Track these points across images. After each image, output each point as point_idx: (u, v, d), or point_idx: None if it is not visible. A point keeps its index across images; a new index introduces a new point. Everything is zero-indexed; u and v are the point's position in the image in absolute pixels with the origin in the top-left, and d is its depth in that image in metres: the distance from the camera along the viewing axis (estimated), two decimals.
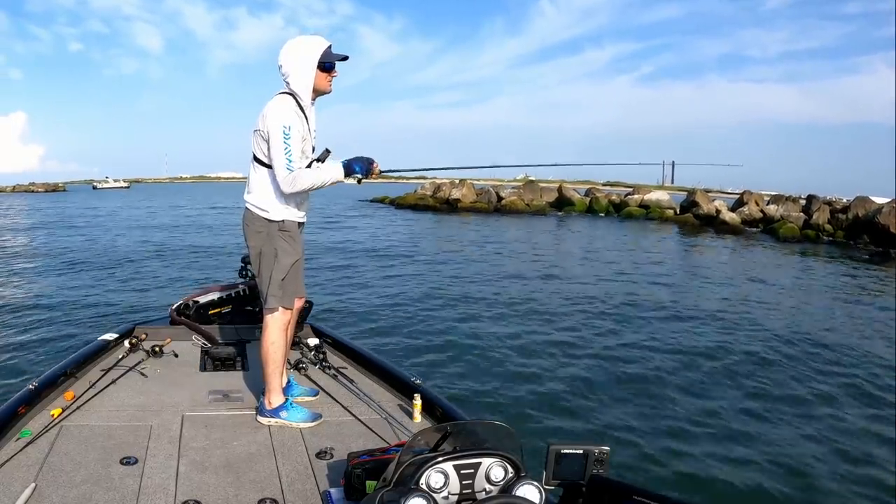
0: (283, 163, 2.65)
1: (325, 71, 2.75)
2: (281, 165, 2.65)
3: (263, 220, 2.82)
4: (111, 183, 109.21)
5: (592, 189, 41.88)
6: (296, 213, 2.85)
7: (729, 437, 5.22)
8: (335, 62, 2.77)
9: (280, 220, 2.81)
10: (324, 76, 2.76)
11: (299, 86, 2.74)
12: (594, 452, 1.70)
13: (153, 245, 18.58)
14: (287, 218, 2.82)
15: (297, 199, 2.83)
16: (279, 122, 2.64)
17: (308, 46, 2.73)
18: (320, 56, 2.72)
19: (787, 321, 10.06)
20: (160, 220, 29.68)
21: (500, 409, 5.57)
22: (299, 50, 2.73)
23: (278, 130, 2.64)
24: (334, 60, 2.77)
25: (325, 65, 2.74)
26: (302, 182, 2.68)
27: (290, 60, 2.73)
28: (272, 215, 2.80)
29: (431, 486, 1.59)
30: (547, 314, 9.92)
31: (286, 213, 2.81)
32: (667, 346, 8.05)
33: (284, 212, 2.81)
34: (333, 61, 2.76)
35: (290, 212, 2.83)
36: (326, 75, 2.77)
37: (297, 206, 2.85)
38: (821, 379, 6.92)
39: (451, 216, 33.67)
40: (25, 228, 25.97)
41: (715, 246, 22.70)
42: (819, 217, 27.36)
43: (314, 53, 2.72)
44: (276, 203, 2.79)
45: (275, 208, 2.80)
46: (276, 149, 2.66)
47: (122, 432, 2.71)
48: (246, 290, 4.72)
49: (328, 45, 2.76)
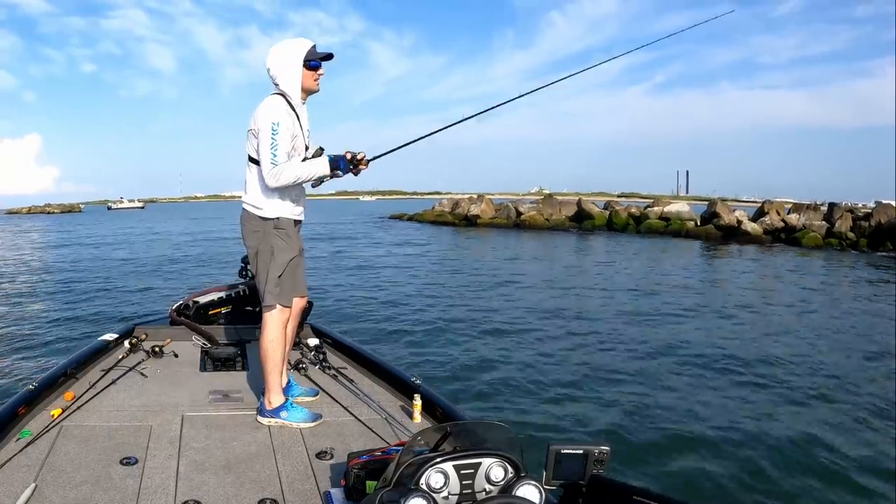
0: (269, 157, 2.70)
1: (311, 69, 2.82)
2: (266, 160, 2.71)
3: (259, 218, 2.85)
4: (126, 203, 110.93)
5: (611, 202, 41.38)
6: (291, 210, 2.88)
7: (745, 442, 5.12)
8: (320, 60, 2.84)
9: (275, 217, 2.84)
10: (310, 74, 2.83)
11: (288, 86, 2.81)
12: (594, 452, 1.70)
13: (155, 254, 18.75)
14: (282, 215, 2.85)
15: (291, 196, 2.86)
16: (268, 119, 2.71)
17: (292, 47, 2.81)
18: (305, 55, 2.79)
19: (827, 333, 9.72)
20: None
21: (500, 410, 5.58)
22: (284, 52, 2.80)
23: (267, 127, 2.71)
24: (318, 59, 2.83)
25: (311, 63, 2.81)
26: (286, 175, 2.72)
27: (277, 62, 2.80)
28: (266, 213, 2.84)
29: (431, 487, 1.59)
30: (552, 319, 9.92)
31: (280, 210, 2.85)
32: (678, 352, 8.06)
33: (279, 209, 2.84)
34: (318, 59, 2.83)
35: (284, 209, 2.85)
36: (313, 73, 2.83)
37: (291, 203, 2.87)
38: (851, 388, 6.70)
39: (469, 230, 33.81)
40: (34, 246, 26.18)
41: (741, 260, 21.83)
42: (842, 225, 27.16)
43: (299, 53, 2.79)
44: (270, 201, 2.83)
45: (269, 206, 2.84)
46: (263, 144, 2.72)
47: (122, 432, 2.71)
48: (246, 291, 4.72)
49: (312, 44, 2.83)
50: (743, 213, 31.50)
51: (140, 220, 52.18)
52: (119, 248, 23.90)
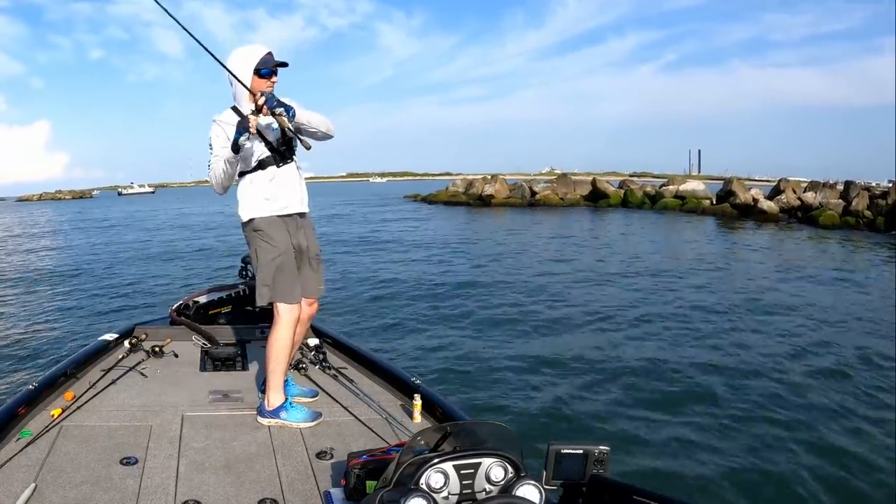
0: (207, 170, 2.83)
1: (262, 77, 2.78)
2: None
3: (242, 224, 2.94)
4: (136, 188, 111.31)
5: (626, 181, 41.60)
6: (263, 208, 2.86)
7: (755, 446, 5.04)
8: (273, 68, 2.79)
9: (248, 219, 2.89)
10: (263, 82, 2.78)
11: (238, 94, 2.84)
12: (594, 452, 1.70)
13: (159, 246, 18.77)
14: (255, 215, 2.87)
15: (262, 195, 2.85)
16: (209, 139, 2.82)
17: (244, 56, 2.79)
18: (256, 63, 2.76)
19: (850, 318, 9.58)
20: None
21: (500, 409, 5.57)
22: (236, 60, 2.79)
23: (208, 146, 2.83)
24: (272, 67, 2.79)
25: (262, 71, 2.78)
26: (212, 175, 2.79)
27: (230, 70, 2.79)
28: (243, 217, 2.91)
29: (431, 487, 1.59)
30: (554, 315, 9.86)
31: (252, 211, 2.88)
32: (684, 350, 8.03)
33: (250, 210, 2.88)
34: (270, 67, 2.79)
35: (255, 209, 2.87)
36: (266, 81, 2.79)
37: (261, 201, 2.86)
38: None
39: (484, 210, 33.71)
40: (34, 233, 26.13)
41: (758, 238, 21.74)
42: (858, 203, 26.77)
43: (250, 62, 2.77)
44: (242, 204, 2.90)
45: (244, 210, 2.90)
46: None
47: (122, 432, 2.71)
48: (246, 290, 4.72)
49: (266, 51, 2.80)
50: (759, 191, 31.35)
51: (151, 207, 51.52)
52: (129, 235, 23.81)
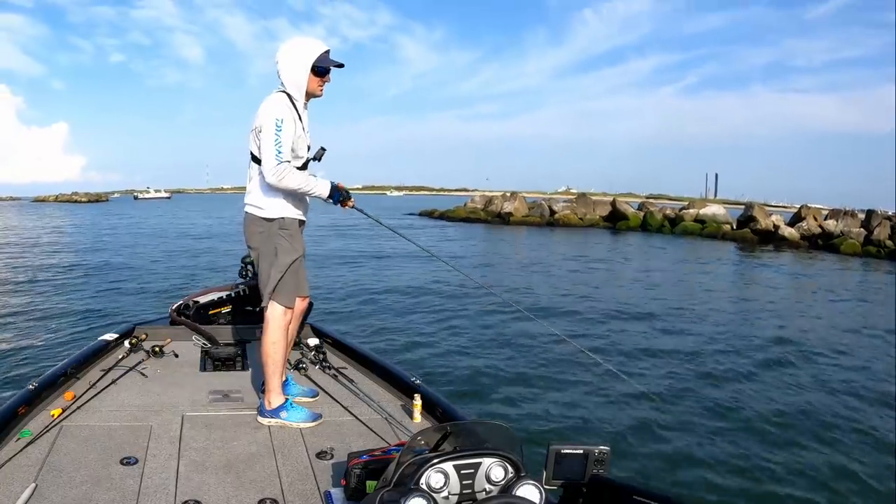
0: (273, 153, 2.64)
1: (317, 75, 2.75)
2: (270, 156, 2.64)
3: (262, 220, 2.81)
4: (152, 193, 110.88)
5: (645, 203, 41.31)
6: (294, 210, 2.84)
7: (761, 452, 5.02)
8: (329, 67, 2.77)
9: (278, 217, 2.80)
10: (316, 80, 2.76)
11: (292, 86, 2.75)
12: (594, 452, 1.70)
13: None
14: (286, 215, 2.81)
15: (296, 195, 2.81)
16: (272, 116, 2.65)
17: (304, 49, 2.74)
18: (315, 60, 2.72)
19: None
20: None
21: (501, 410, 5.57)
22: (294, 51, 2.74)
23: (271, 123, 2.64)
24: (329, 66, 2.77)
25: (318, 69, 2.74)
26: (291, 179, 2.68)
27: (285, 60, 2.74)
28: (269, 213, 2.80)
29: (431, 486, 1.59)
30: (557, 318, 9.88)
31: (284, 210, 2.80)
32: (683, 351, 8.04)
33: (282, 209, 2.80)
34: (327, 66, 2.76)
35: (287, 209, 2.81)
36: (319, 79, 2.77)
37: (294, 203, 2.83)
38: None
39: (502, 228, 33.69)
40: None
41: (795, 266, 21.51)
42: (880, 232, 27.01)
43: (309, 56, 2.72)
44: (273, 201, 2.78)
45: (272, 206, 2.79)
46: (266, 140, 2.65)
47: (122, 432, 2.71)
48: (246, 290, 4.71)
49: (325, 49, 2.75)
50: (780, 217, 31.35)
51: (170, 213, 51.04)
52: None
